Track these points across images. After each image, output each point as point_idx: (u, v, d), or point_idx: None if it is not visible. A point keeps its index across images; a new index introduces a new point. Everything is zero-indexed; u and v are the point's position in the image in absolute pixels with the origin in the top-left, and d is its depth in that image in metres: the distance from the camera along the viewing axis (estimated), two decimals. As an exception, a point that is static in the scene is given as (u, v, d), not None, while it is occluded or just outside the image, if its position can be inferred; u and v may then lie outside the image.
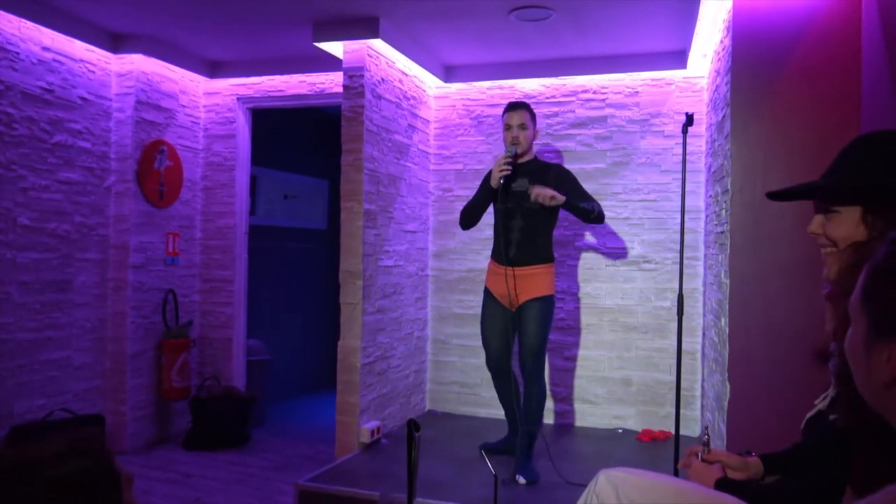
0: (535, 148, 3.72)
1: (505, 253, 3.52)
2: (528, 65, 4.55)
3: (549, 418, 4.47)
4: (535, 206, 3.45)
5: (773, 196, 1.75)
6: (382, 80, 4.05)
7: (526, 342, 3.47)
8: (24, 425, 3.63)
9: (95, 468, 1.02)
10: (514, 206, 3.50)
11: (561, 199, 3.35)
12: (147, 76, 4.31)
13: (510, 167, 3.42)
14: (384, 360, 4.15)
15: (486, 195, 3.57)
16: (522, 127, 3.51)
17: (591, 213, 3.46)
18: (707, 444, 1.95)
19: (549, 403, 4.50)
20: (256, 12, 3.75)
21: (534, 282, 3.48)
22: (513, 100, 3.74)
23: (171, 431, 4.55)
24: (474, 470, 3.49)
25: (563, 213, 3.90)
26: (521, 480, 3.34)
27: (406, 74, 4.38)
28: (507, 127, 3.54)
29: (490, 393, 4.43)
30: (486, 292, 3.65)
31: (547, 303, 3.50)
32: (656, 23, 3.81)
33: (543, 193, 3.33)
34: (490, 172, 3.58)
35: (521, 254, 3.50)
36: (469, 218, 3.64)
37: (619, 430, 4.37)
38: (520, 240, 3.50)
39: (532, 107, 3.63)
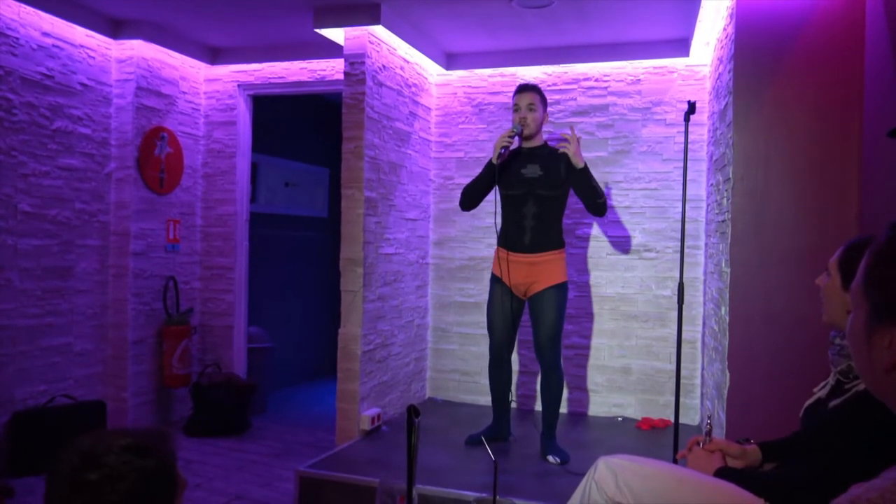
0: (544, 134, 3.66)
1: (519, 240, 3.47)
2: (530, 52, 4.53)
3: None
4: (547, 194, 3.43)
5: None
6: (383, 67, 4.04)
7: (544, 330, 3.44)
8: (26, 411, 3.65)
9: (158, 470, 1.05)
10: (525, 193, 3.46)
11: (581, 161, 3.36)
12: (147, 62, 4.29)
13: (512, 140, 3.41)
14: (384, 347, 4.16)
15: (487, 173, 3.52)
16: (531, 108, 3.45)
17: (599, 197, 3.40)
18: (709, 433, 1.96)
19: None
20: (257, -2, 3.74)
21: (549, 269, 3.46)
22: (523, 82, 3.67)
23: (172, 418, 4.57)
24: (474, 457, 3.50)
25: (571, 200, 3.89)
26: (555, 461, 3.37)
27: (407, 61, 4.36)
28: (516, 108, 3.49)
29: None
30: (495, 279, 3.59)
31: (563, 290, 3.49)
32: (659, 10, 3.78)
33: (576, 152, 3.35)
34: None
35: (536, 240, 3.46)
36: (470, 197, 3.59)
37: (619, 419, 4.38)
38: (534, 226, 3.45)
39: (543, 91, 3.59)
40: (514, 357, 4.63)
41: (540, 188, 3.43)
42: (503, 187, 3.51)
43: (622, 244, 4.45)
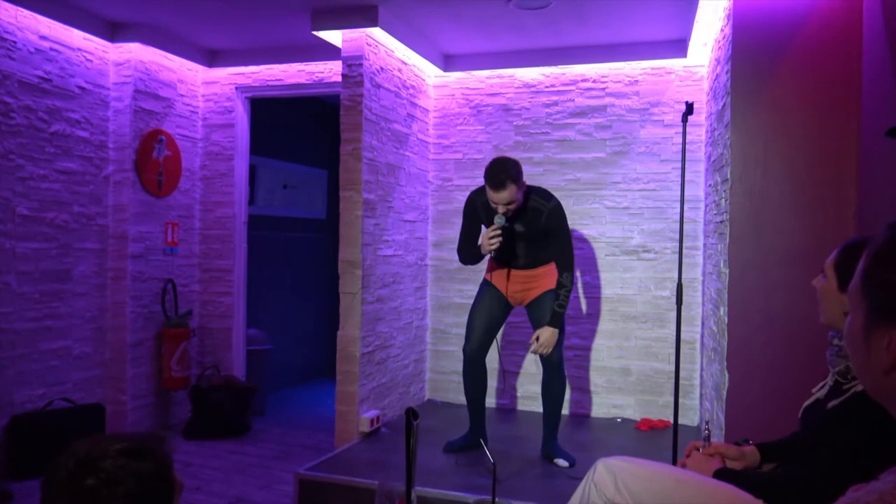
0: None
1: (514, 261, 3.49)
2: (528, 53, 4.53)
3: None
4: (533, 237, 3.41)
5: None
6: (381, 68, 4.04)
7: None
8: (25, 414, 3.64)
9: (155, 473, 1.06)
10: (513, 239, 3.44)
11: (554, 339, 3.34)
12: (145, 65, 4.29)
13: (499, 237, 3.27)
14: (383, 349, 4.16)
15: (479, 254, 3.44)
16: (510, 203, 3.24)
17: (568, 297, 3.37)
18: (708, 438, 1.96)
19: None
20: (255, 0, 3.73)
21: (546, 278, 3.49)
22: (491, 175, 3.21)
23: (172, 421, 4.56)
24: (473, 459, 3.50)
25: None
26: (564, 463, 3.37)
27: (405, 63, 4.36)
28: (494, 203, 3.26)
29: (489, 383, 4.42)
30: (488, 285, 3.59)
31: None
32: (656, 11, 3.79)
33: (546, 347, 3.34)
34: (468, 204, 3.48)
35: (531, 261, 3.49)
36: (470, 262, 3.54)
37: (618, 420, 4.38)
38: (527, 254, 3.48)
39: (517, 170, 3.24)
40: (496, 357, 4.63)
41: (526, 239, 3.44)
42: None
43: (620, 245, 4.45)
